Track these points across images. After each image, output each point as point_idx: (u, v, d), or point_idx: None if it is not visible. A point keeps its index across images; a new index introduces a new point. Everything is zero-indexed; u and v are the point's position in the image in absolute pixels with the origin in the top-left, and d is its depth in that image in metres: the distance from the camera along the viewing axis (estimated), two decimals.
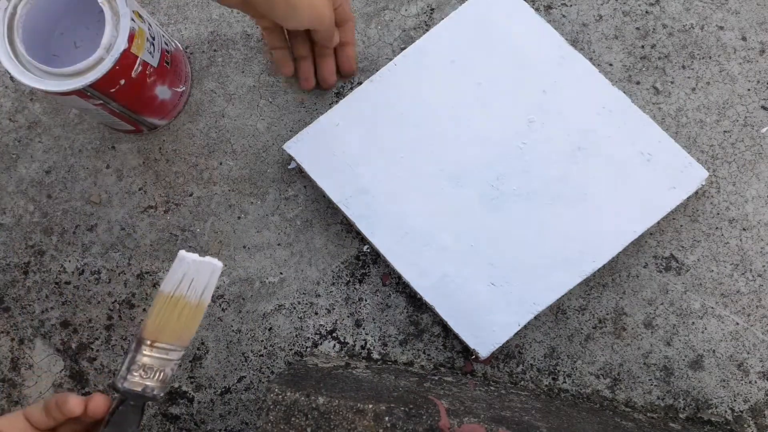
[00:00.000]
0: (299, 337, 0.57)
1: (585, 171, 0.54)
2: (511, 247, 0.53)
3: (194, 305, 0.40)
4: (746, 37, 0.59)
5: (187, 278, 0.39)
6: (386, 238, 0.54)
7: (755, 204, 0.56)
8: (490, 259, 0.53)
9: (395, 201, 0.55)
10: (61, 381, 0.58)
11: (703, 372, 0.55)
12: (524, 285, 0.53)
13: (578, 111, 0.55)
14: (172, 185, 0.60)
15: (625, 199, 0.53)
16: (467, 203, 0.54)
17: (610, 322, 0.56)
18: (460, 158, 0.55)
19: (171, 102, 0.58)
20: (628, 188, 0.53)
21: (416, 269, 0.54)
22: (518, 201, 0.54)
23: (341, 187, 0.55)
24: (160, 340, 0.39)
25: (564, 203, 0.54)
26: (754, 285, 0.55)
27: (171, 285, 0.39)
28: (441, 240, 0.54)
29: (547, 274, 0.53)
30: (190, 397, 0.57)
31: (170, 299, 0.39)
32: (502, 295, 0.53)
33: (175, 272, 0.39)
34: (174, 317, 0.39)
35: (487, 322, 0.53)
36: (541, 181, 0.54)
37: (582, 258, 0.53)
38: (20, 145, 0.61)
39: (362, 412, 0.45)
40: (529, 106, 0.55)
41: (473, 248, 0.54)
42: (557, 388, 0.55)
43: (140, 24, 0.51)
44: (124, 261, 0.59)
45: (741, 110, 0.58)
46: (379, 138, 0.55)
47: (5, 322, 0.59)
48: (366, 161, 0.55)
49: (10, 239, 0.60)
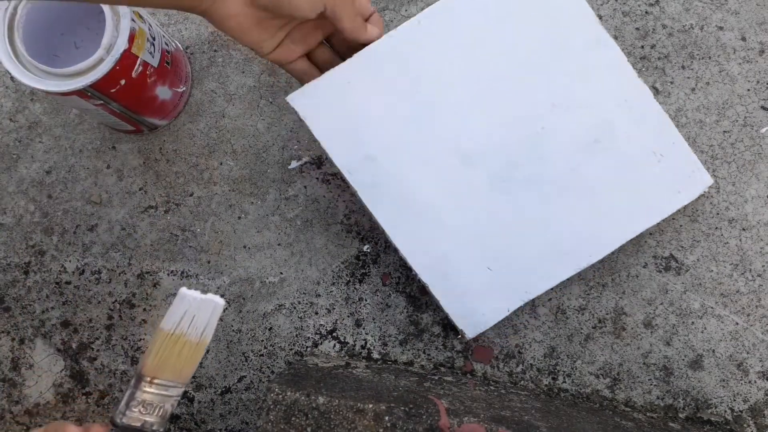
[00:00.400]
0: (299, 337, 0.57)
1: (597, 165, 0.52)
2: (513, 234, 0.52)
3: (195, 343, 0.39)
4: (746, 38, 0.59)
5: (188, 316, 0.39)
6: (388, 210, 0.52)
7: (755, 204, 0.56)
8: (491, 243, 0.52)
9: (402, 172, 0.51)
10: (61, 381, 0.58)
11: (703, 372, 0.55)
12: (520, 273, 0.52)
13: (601, 100, 0.52)
14: (173, 185, 0.60)
15: (630, 198, 0.52)
16: (476, 184, 0.52)
17: (609, 322, 0.56)
18: (476, 136, 0.52)
19: (171, 102, 0.59)
20: (635, 187, 0.52)
21: (415, 246, 0.52)
22: (528, 188, 0.52)
23: (347, 151, 0.51)
24: (160, 377, 0.39)
25: (571, 195, 0.52)
26: (754, 285, 0.55)
27: (171, 323, 0.39)
28: (444, 219, 0.52)
29: (543, 264, 0.52)
30: (191, 397, 0.57)
31: (170, 337, 0.39)
32: (497, 280, 0.52)
33: (176, 310, 0.39)
34: (174, 355, 0.39)
35: (478, 305, 0.52)
36: (554, 171, 0.52)
37: (579, 251, 0.52)
38: (21, 146, 0.61)
39: (362, 412, 0.45)
40: (556, 89, 0.52)
41: (475, 231, 0.52)
42: (557, 387, 0.55)
43: (140, 24, 0.51)
44: (125, 261, 0.59)
45: (741, 110, 0.58)
46: (393, 102, 0.51)
47: (6, 321, 0.59)
48: (376, 126, 0.51)
49: (11, 239, 0.60)
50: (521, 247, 0.52)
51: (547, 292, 0.56)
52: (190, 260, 0.59)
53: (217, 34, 0.61)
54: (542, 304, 0.56)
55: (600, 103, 0.52)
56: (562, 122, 0.52)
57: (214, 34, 0.61)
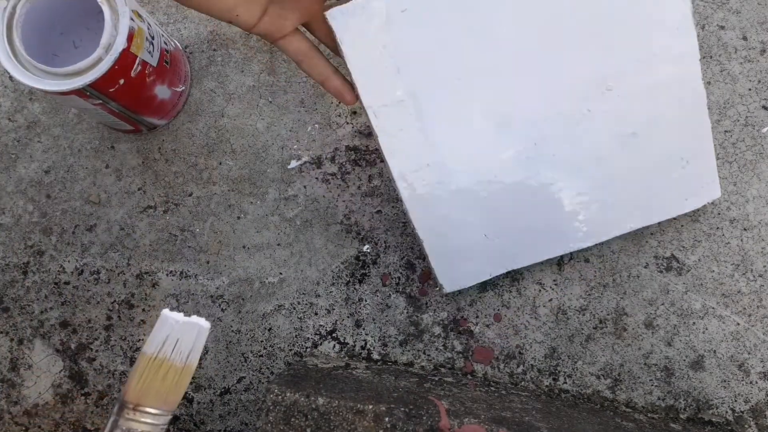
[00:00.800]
0: (299, 338, 0.57)
1: (624, 158, 0.49)
2: (519, 207, 0.50)
3: (180, 368, 0.37)
4: (747, 37, 0.58)
5: (171, 339, 0.37)
6: (404, 163, 0.47)
7: (756, 204, 0.56)
8: (495, 213, 0.50)
9: (429, 126, 0.47)
10: (60, 381, 0.58)
11: (704, 372, 0.55)
12: (513, 245, 0.52)
13: (657, 93, 0.48)
14: (172, 185, 0.60)
15: (639, 195, 0.52)
16: (502, 153, 0.48)
17: (610, 323, 0.56)
18: (521, 103, 0.47)
19: (170, 101, 0.58)
20: (648, 186, 0.51)
21: (421, 204, 0.49)
22: (550, 167, 0.49)
23: (379, 89, 0.45)
24: (144, 404, 0.37)
25: (587, 181, 0.50)
26: (755, 285, 0.55)
27: (154, 346, 0.37)
28: (458, 181, 0.49)
29: (536, 240, 0.52)
30: (190, 398, 0.57)
31: (153, 361, 0.37)
32: (489, 247, 0.52)
33: (158, 333, 0.37)
34: (158, 380, 0.37)
35: (463, 265, 0.52)
36: (582, 155, 0.49)
37: (574, 235, 0.52)
38: (19, 145, 0.61)
39: (362, 413, 0.44)
40: (616, 71, 0.47)
41: (483, 198, 0.49)
42: (558, 388, 0.55)
43: (139, 23, 0.51)
44: (124, 261, 0.59)
45: (742, 110, 0.57)
46: (443, 43, 0.45)
47: (4, 322, 0.59)
48: (418, 67, 0.45)
49: (9, 239, 0.60)
50: (522, 221, 0.51)
51: (549, 292, 0.56)
52: (189, 260, 0.59)
53: (216, 33, 0.61)
54: (543, 304, 0.56)
55: (655, 96, 0.48)
56: (610, 108, 0.48)
57: (214, 33, 0.61)
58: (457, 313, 0.56)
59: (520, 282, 0.56)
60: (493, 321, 0.56)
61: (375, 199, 0.58)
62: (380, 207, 0.58)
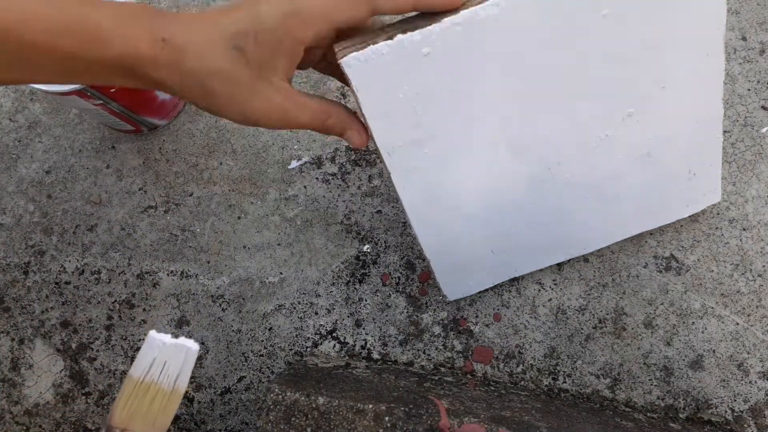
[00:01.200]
0: (299, 337, 0.57)
1: (636, 175, 0.49)
2: (529, 225, 0.50)
3: (168, 392, 0.36)
4: (746, 37, 0.58)
5: (158, 362, 0.36)
6: (417, 196, 0.47)
7: (755, 204, 0.56)
8: (504, 232, 0.50)
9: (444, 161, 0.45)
10: (61, 381, 0.58)
11: (703, 372, 0.55)
12: (518, 256, 0.53)
13: (677, 115, 0.47)
14: (172, 185, 0.60)
15: (640, 202, 0.52)
16: (515, 180, 0.47)
17: (610, 322, 0.56)
18: (540, 133, 0.45)
19: (171, 102, 0.58)
20: (650, 194, 0.51)
21: (431, 229, 0.49)
22: (564, 189, 0.48)
23: (393, 131, 0.43)
24: (131, 429, 0.36)
25: (599, 199, 0.50)
26: (755, 285, 0.55)
27: (140, 369, 0.36)
28: (469, 209, 0.48)
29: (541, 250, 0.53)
30: (190, 397, 0.57)
31: (140, 385, 0.36)
32: (495, 261, 0.53)
33: (145, 355, 0.36)
34: (145, 405, 0.36)
35: (468, 278, 0.53)
36: (597, 177, 0.48)
37: (576, 244, 0.53)
38: (20, 145, 0.61)
39: (362, 412, 0.44)
40: (637, 96, 0.45)
41: (493, 219, 0.49)
42: (557, 388, 0.55)
43: None
44: (124, 261, 0.59)
45: (741, 110, 0.57)
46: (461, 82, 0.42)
47: (5, 322, 0.59)
48: (435, 107, 0.43)
49: (10, 239, 0.60)
50: (530, 236, 0.52)
51: (548, 292, 0.56)
52: (189, 260, 0.59)
53: None
54: (542, 304, 0.56)
55: (674, 118, 0.47)
56: (628, 133, 0.46)
57: None
58: (456, 312, 0.56)
59: (520, 282, 0.56)
60: (492, 321, 0.56)
61: (375, 199, 0.58)
62: (380, 207, 0.58)
